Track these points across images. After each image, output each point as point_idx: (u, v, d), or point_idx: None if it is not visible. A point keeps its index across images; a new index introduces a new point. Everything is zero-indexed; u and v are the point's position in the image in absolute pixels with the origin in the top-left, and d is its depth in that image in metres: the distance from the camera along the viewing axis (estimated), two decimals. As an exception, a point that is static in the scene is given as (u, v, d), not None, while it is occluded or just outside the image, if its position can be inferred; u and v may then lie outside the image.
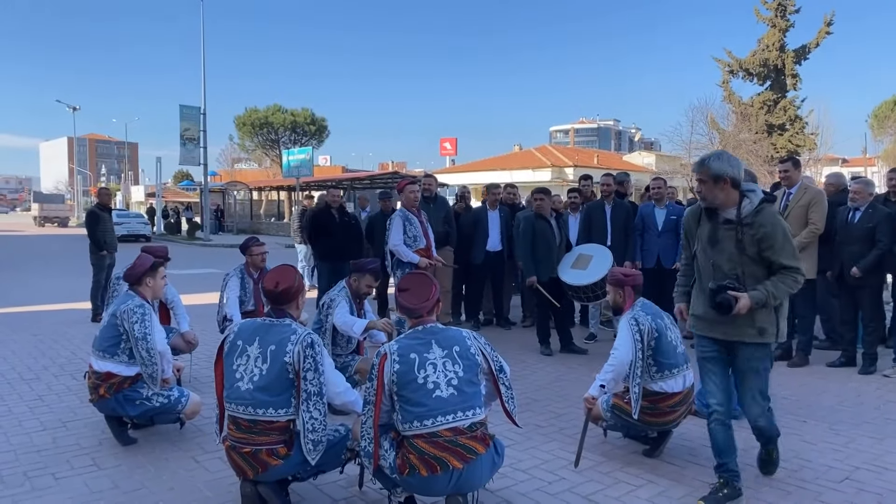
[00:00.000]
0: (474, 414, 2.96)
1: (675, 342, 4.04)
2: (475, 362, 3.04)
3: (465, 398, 2.95)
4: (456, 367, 2.98)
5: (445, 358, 2.99)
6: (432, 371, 2.95)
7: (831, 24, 29.26)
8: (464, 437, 2.91)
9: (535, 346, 7.01)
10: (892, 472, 3.84)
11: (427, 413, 2.90)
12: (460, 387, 2.95)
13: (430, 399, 2.91)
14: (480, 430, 2.98)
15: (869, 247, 5.99)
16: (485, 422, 3.04)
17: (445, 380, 2.94)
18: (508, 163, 49.33)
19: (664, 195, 7.43)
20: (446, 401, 2.91)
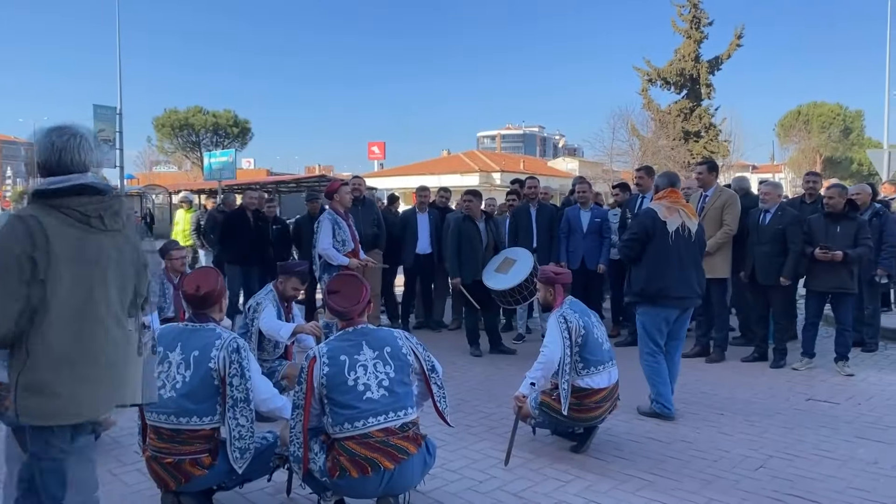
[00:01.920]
0: (406, 414, 2.95)
1: (601, 339, 4.14)
2: (407, 362, 3.02)
3: (396, 399, 2.93)
4: (387, 367, 2.96)
5: (376, 359, 2.96)
6: (363, 373, 2.91)
7: (741, 37, 30.77)
8: (395, 437, 2.89)
9: (465, 347, 7.04)
10: (802, 459, 4.05)
11: (358, 415, 2.86)
12: (391, 387, 2.93)
13: (361, 401, 2.87)
14: (412, 430, 2.97)
15: (779, 247, 6.30)
16: (417, 422, 3.03)
17: (376, 381, 2.91)
18: (437, 167, 49.54)
19: (589, 198, 7.61)
20: (377, 402, 2.89)
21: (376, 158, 60.43)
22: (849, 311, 6.15)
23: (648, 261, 4.85)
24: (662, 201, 4.94)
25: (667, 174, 5.29)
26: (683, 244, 4.82)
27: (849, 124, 52.71)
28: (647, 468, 3.93)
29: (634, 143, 31.26)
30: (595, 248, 7.44)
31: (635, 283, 4.97)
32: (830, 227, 6.08)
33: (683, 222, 4.84)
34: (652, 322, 4.88)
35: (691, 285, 4.88)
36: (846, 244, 5.92)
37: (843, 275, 5.97)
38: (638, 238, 4.90)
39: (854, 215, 6.14)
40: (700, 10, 30.69)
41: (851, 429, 4.60)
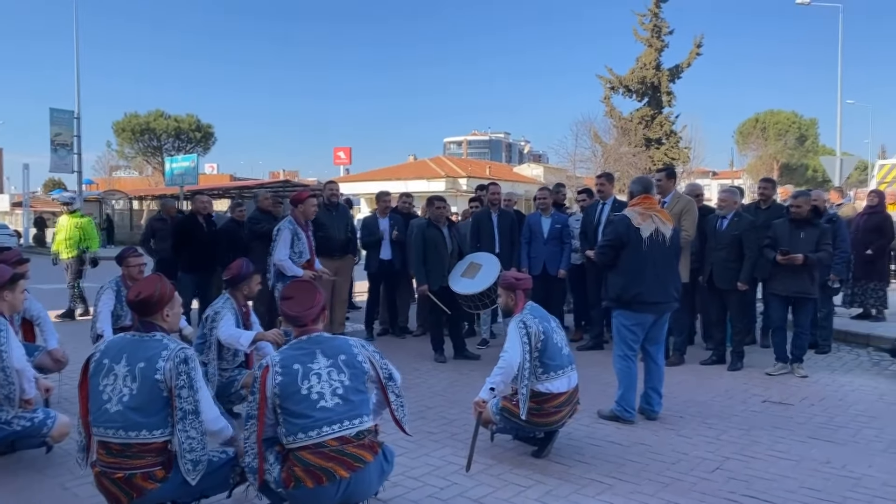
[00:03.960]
0: (361, 422, 2.92)
1: (561, 344, 4.18)
2: (362, 370, 3.00)
3: (351, 407, 2.90)
4: (341, 375, 2.93)
5: (330, 367, 2.93)
6: (316, 381, 2.88)
7: (701, 46, 31.52)
8: (350, 445, 2.86)
9: (429, 353, 7.03)
10: (757, 461, 4.13)
11: (312, 424, 2.83)
12: (346, 395, 2.90)
13: (315, 410, 2.84)
14: (368, 438, 2.94)
15: (735, 252, 6.44)
16: (373, 429, 3.00)
17: (330, 389, 2.88)
18: (403, 173, 49.49)
19: (549, 205, 7.69)
20: (332, 410, 2.86)
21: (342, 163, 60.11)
22: (808, 315, 6.30)
23: (624, 267, 4.90)
24: (636, 207, 4.99)
25: (641, 180, 5.33)
26: (658, 250, 4.89)
27: (804, 132, 54.22)
28: (606, 472, 3.97)
29: (597, 149, 31.70)
30: (556, 254, 7.52)
31: (612, 288, 5.04)
32: (794, 232, 6.22)
33: (657, 228, 4.90)
34: (627, 326, 4.94)
35: (667, 290, 4.96)
36: (808, 250, 6.06)
37: (804, 279, 6.12)
38: (612, 245, 4.96)
39: (817, 222, 6.29)
40: (660, 20, 31.36)
41: (805, 429, 4.71)
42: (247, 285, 4.93)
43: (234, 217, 8.42)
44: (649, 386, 5.05)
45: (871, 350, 7.20)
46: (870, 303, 8.43)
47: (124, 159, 55.26)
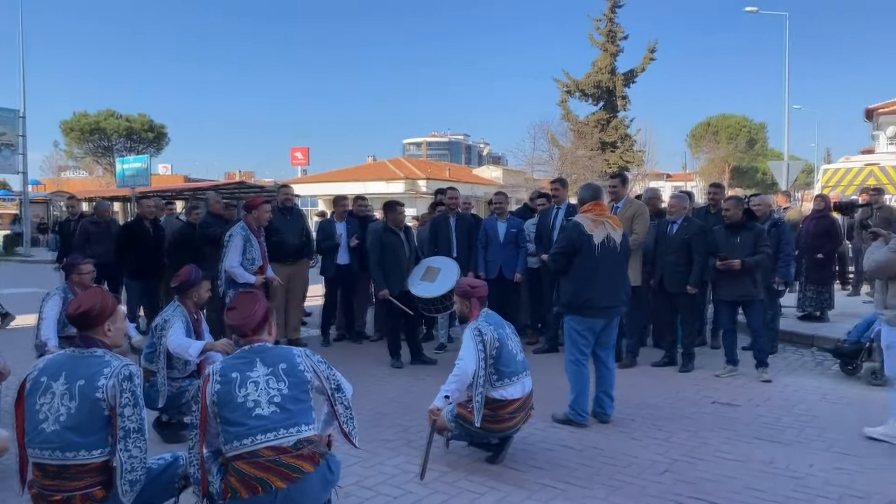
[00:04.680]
0: (299, 431, 2.85)
1: (516, 350, 4.21)
2: (303, 379, 2.94)
3: (288, 415, 2.85)
4: (280, 384, 2.88)
5: (269, 376, 2.89)
6: (253, 389, 2.85)
7: (655, 52, 32.16)
8: (288, 455, 2.80)
9: (386, 359, 7.01)
10: (704, 462, 4.23)
11: (246, 432, 2.79)
12: (283, 404, 2.85)
13: (250, 418, 2.80)
14: (308, 449, 2.86)
15: (685, 256, 6.58)
16: (314, 439, 2.93)
17: (267, 398, 2.84)
18: (362, 174, 49.15)
19: (505, 209, 7.75)
20: (267, 418, 2.81)
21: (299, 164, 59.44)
22: (758, 317, 6.45)
23: (576, 273, 4.97)
24: (588, 214, 5.06)
25: (590, 187, 5.41)
26: (609, 255, 4.97)
27: (753, 136, 55.85)
28: (559, 476, 4.02)
29: (554, 152, 32.07)
30: (512, 258, 7.58)
31: (564, 294, 5.11)
32: (731, 237, 6.39)
33: (609, 234, 4.98)
34: (578, 331, 5.01)
35: (617, 295, 5.06)
36: (747, 253, 6.23)
37: (746, 283, 6.28)
38: (564, 251, 5.03)
39: (752, 225, 6.46)
40: (615, 25, 31.89)
41: (751, 430, 4.85)
42: (196, 292, 4.85)
43: (190, 220, 8.23)
44: (601, 390, 5.14)
45: (814, 350, 7.44)
46: (817, 304, 8.70)
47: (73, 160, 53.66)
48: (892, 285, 4.42)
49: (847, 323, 7.05)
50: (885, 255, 4.36)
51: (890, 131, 50.46)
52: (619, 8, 31.62)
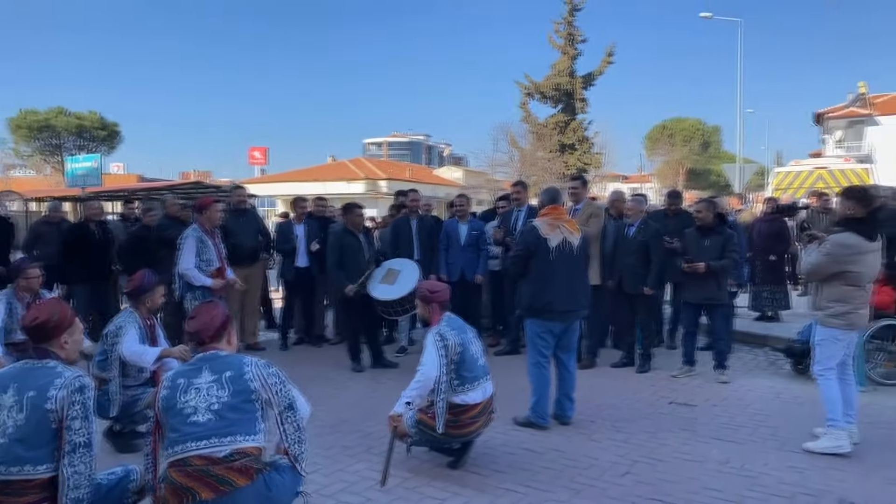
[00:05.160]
0: (233, 441, 2.75)
1: (478, 355, 4.20)
2: (247, 389, 2.84)
3: (225, 424, 2.76)
4: (221, 391, 2.81)
5: (213, 383, 2.83)
6: (194, 395, 2.80)
7: (612, 55, 32.64)
8: (219, 466, 2.70)
9: (346, 363, 6.93)
10: (663, 463, 4.29)
11: (179, 439, 2.73)
12: (221, 412, 2.77)
13: (186, 424, 2.75)
14: (242, 461, 2.74)
15: (642, 258, 6.67)
16: (252, 452, 2.79)
17: (206, 404, 2.78)
18: (322, 174, 48.71)
19: (467, 212, 7.75)
20: (202, 425, 2.74)
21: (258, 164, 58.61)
22: (721, 321, 6.55)
23: (533, 277, 5.00)
24: (545, 218, 5.08)
25: (549, 191, 5.43)
26: (566, 259, 4.99)
27: (707, 138, 57.09)
28: (521, 480, 4.02)
29: (514, 154, 32.27)
30: (473, 260, 7.58)
31: (523, 298, 5.13)
32: (700, 240, 6.48)
33: (565, 238, 5.01)
34: (539, 334, 5.04)
35: (576, 298, 5.09)
36: (714, 257, 6.33)
37: (711, 286, 6.36)
38: (521, 255, 5.06)
39: (722, 229, 6.56)
40: (575, 28, 32.24)
41: (708, 430, 4.93)
42: (150, 298, 4.72)
43: (144, 222, 7.99)
44: (562, 392, 5.17)
45: (768, 350, 7.61)
46: (771, 305, 8.92)
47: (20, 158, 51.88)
48: (824, 287, 4.53)
49: (799, 323, 7.23)
50: (818, 258, 4.47)
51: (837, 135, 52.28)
52: (578, 11, 32.00)
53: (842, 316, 4.42)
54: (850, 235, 4.37)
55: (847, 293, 4.41)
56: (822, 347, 4.54)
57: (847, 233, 4.39)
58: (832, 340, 4.48)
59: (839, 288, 4.42)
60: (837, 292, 4.42)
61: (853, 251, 4.34)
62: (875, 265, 4.50)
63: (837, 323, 4.45)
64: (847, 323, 4.43)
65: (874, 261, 4.46)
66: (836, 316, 4.44)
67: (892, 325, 6.26)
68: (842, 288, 4.41)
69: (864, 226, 4.38)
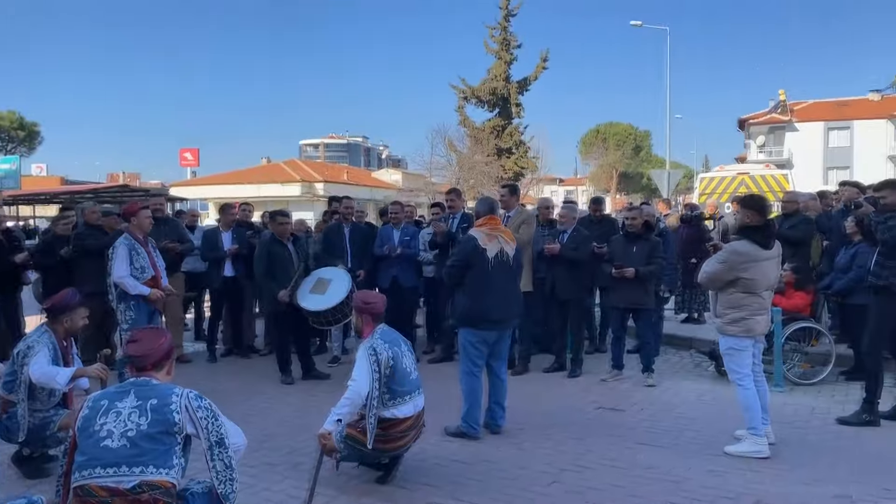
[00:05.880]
0: (143, 473, 2.62)
1: (410, 369, 4.15)
2: (169, 420, 2.71)
3: (137, 453, 2.63)
4: (142, 419, 2.69)
5: (135, 409, 2.70)
6: (113, 419, 2.68)
7: (547, 61, 33.11)
8: (122, 499, 2.57)
9: (276, 375, 6.76)
10: (590, 470, 4.34)
11: (87, 463, 2.62)
12: (136, 440, 2.64)
13: (98, 448, 2.63)
14: (149, 494, 2.60)
15: (574, 265, 6.76)
16: (163, 485, 2.64)
17: (122, 430, 2.66)
18: (255, 176, 47.66)
19: (401, 219, 7.70)
20: (113, 451, 2.62)
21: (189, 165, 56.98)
22: (647, 326, 6.71)
23: (470, 287, 5.00)
24: (483, 228, 5.08)
25: (486, 201, 5.45)
26: (502, 269, 5.02)
27: (639, 143, 58.78)
28: (451, 493, 4.00)
29: (452, 158, 32.36)
30: (407, 267, 7.54)
31: (458, 307, 5.14)
32: (628, 246, 6.62)
33: (502, 248, 5.03)
34: (473, 343, 5.03)
35: (510, 307, 5.13)
36: (641, 262, 6.47)
37: (638, 291, 6.51)
38: (459, 265, 5.04)
39: (649, 236, 6.72)
40: (509, 34, 32.56)
41: (634, 435, 5.03)
42: (69, 318, 4.45)
43: (57, 232, 7.56)
44: (493, 400, 5.18)
45: (693, 352, 7.84)
46: (695, 308, 9.21)
47: (-70, 158, 48.95)
48: (721, 295, 4.68)
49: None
50: (714, 267, 4.63)
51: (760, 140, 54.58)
52: (512, 17, 32.30)
53: (738, 322, 4.57)
54: (744, 243, 4.54)
55: (742, 300, 4.55)
56: (729, 357, 4.71)
57: (742, 241, 4.56)
58: (734, 350, 4.64)
59: (735, 295, 4.57)
60: (733, 299, 4.58)
61: (747, 259, 4.49)
62: (771, 273, 4.64)
63: (735, 330, 4.59)
64: (744, 330, 4.57)
65: (770, 268, 4.61)
66: (733, 323, 4.58)
67: (808, 328, 6.55)
68: (737, 295, 4.56)
69: (760, 234, 4.53)
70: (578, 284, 6.82)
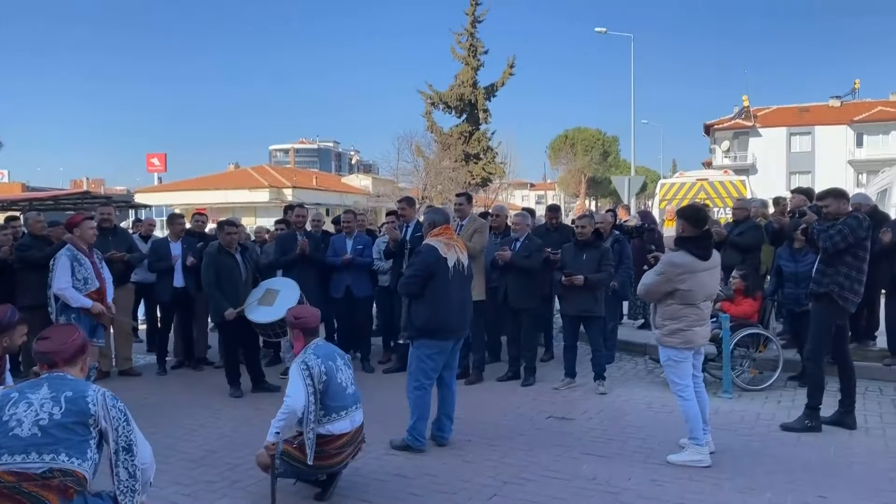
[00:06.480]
0: (54, 460, 2.53)
1: (346, 383, 4.08)
2: (85, 410, 2.64)
3: (49, 441, 2.55)
4: (55, 408, 2.61)
5: (48, 399, 2.62)
6: (24, 409, 2.59)
7: (514, 67, 33.35)
8: (31, 483, 2.48)
9: (226, 387, 6.63)
10: (533, 483, 4.30)
11: None
12: (48, 428, 2.56)
13: (6, 437, 2.54)
14: (61, 480, 2.52)
15: (527, 273, 6.75)
16: (77, 475, 2.56)
17: (33, 419, 2.57)
18: (223, 182, 47.26)
19: (353, 228, 7.62)
20: (22, 440, 2.54)
21: (156, 171, 56.25)
22: (598, 333, 6.69)
23: (430, 297, 4.90)
24: (441, 238, 5.03)
25: (441, 211, 5.40)
26: (459, 278, 4.99)
27: (607, 148, 59.40)
28: (389, 509, 3.93)
29: (419, 163, 32.36)
30: (360, 277, 7.47)
31: (416, 318, 4.98)
32: (578, 254, 6.62)
33: (458, 258, 5.00)
34: (430, 356, 4.94)
35: (465, 317, 5.13)
36: (591, 270, 6.48)
37: (588, 299, 6.51)
38: (421, 276, 4.92)
39: (599, 244, 6.74)
40: (476, 40, 32.74)
41: (580, 444, 5.01)
42: (8, 337, 4.28)
43: None
44: (442, 412, 5.12)
45: (647, 359, 7.87)
46: (643, 312, 9.26)
47: None
48: (660, 307, 4.69)
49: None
50: (652, 279, 4.64)
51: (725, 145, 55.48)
52: (479, 23, 32.52)
53: (676, 334, 4.57)
54: (681, 254, 4.55)
55: (680, 311, 4.56)
56: (669, 368, 4.72)
57: (679, 252, 4.57)
58: (674, 362, 4.65)
59: (673, 307, 4.58)
60: (671, 311, 4.59)
61: (684, 270, 4.50)
62: (710, 283, 4.65)
63: (673, 342, 4.60)
64: (683, 341, 4.58)
65: (709, 279, 4.62)
66: (672, 334, 4.59)
67: (756, 334, 6.62)
68: (675, 306, 4.57)
69: (696, 245, 4.55)
70: (531, 293, 6.81)
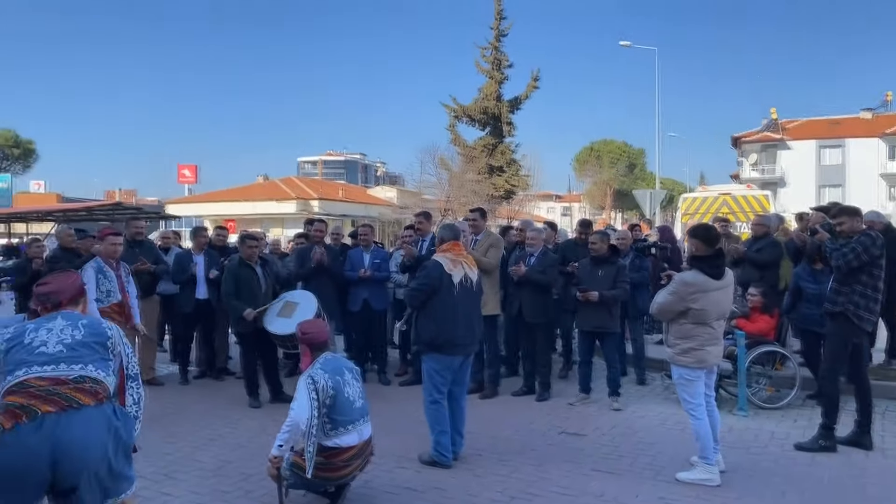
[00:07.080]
0: (85, 368, 2.70)
1: (354, 397, 4.15)
2: (104, 334, 2.87)
3: (76, 354, 2.73)
4: (76, 332, 2.79)
5: (66, 325, 2.81)
6: (45, 333, 2.76)
7: (538, 80, 33.41)
8: (65, 386, 2.63)
9: (245, 398, 6.75)
10: (541, 498, 4.33)
11: (22, 364, 2.65)
12: (73, 346, 2.74)
13: (32, 355, 2.68)
14: (92, 385, 2.68)
15: (542, 287, 6.78)
16: (103, 384, 2.73)
17: (57, 339, 2.74)
18: (252, 193, 47.87)
19: (370, 240, 7.73)
20: (49, 355, 2.70)
21: (187, 182, 57.31)
22: (613, 349, 6.70)
23: (436, 312, 4.98)
24: (448, 254, 5.11)
25: (451, 228, 5.49)
26: (466, 294, 5.06)
27: (633, 160, 59.03)
28: (396, 522, 3.99)
29: (443, 175, 32.51)
30: (377, 290, 7.56)
31: (424, 333, 5.08)
32: (594, 270, 6.65)
33: (466, 273, 5.08)
34: (438, 371, 5.02)
35: (474, 332, 5.18)
36: (606, 286, 6.50)
37: (603, 315, 6.52)
38: (424, 290, 5.03)
39: (615, 259, 6.75)
40: (501, 53, 32.87)
41: (591, 461, 5.02)
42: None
43: (29, 255, 7.62)
44: (452, 427, 5.16)
45: (663, 375, 7.81)
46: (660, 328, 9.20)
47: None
48: (672, 326, 4.69)
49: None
50: (665, 298, 4.63)
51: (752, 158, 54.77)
52: (504, 37, 32.67)
53: (689, 353, 4.57)
54: (694, 274, 4.55)
55: (692, 331, 4.55)
56: (681, 387, 4.71)
57: (692, 271, 4.57)
58: (686, 380, 4.64)
59: (685, 326, 4.57)
60: (684, 330, 4.58)
61: (696, 289, 4.50)
62: (723, 302, 4.64)
63: (686, 361, 4.60)
64: (695, 360, 4.57)
65: (722, 298, 4.61)
66: (684, 353, 4.59)
67: (773, 351, 6.57)
68: (688, 325, 4.56)
69: (709, 264, 4.55)
70: (545, 308, 6.83)
